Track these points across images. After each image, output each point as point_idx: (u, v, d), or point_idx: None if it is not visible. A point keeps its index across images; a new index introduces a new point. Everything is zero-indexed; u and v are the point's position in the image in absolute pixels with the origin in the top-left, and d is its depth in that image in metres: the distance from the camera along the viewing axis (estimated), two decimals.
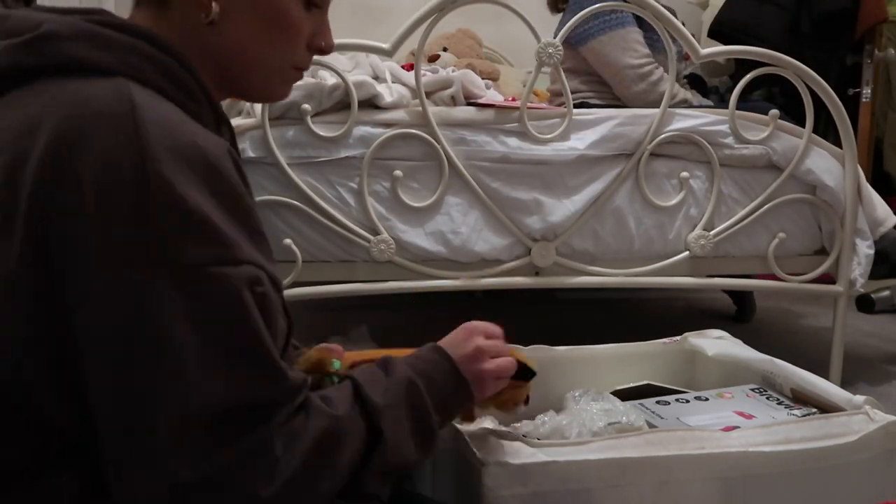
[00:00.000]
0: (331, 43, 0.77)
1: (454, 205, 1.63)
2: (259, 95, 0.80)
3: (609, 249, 1.72)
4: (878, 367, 2.11)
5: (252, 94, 0.79)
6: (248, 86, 0.76)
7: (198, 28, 0.69)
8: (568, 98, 1.66)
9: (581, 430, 0.96)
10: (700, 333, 1.32)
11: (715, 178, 1.71)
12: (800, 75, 1.70)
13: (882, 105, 3.03)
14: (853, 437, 0.90)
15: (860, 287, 1.79)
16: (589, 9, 1.66)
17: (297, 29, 0.73)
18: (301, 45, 0.74)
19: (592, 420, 0.98)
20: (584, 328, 2.45)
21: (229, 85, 0.74)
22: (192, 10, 0.68)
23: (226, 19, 0.69)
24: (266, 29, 0.71)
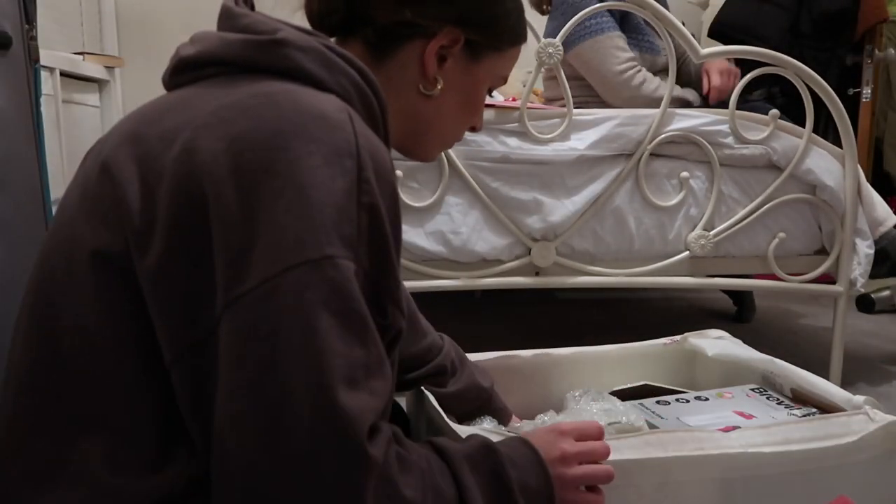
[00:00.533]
0: (482, 125, 0.89)
1: (454, 205, 1.63)
2: (420, 156, 0.86)
3: (609, 249, 1.72)
4: (878, 367, 2.11)
5: (416, 154, 0.85)
6: (418, 148, 0.84)
7: (407, 91, 0.77)
8: (568, 98, 1.66)
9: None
10: (700, 333, 1.32)
11: (715, 178, 1.71)
12: (800, 75, 1.70)
13: (882, 105, 3.03)
14: (853, 438, 0.90)
15: (860, 287, 1.79)
16: (581, 13, 1.66)
17: (479, 110, 0.84)
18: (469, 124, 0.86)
19: (592, 420, 0.98)
20: (584, 328, 2.45)
21: (402, 141, 0.82)
22: (414, 77, 0.77)
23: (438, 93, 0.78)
24: (462, 107, 0.82)
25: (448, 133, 0.84)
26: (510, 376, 1.20)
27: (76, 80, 2.37)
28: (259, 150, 0.59)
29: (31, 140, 1.13)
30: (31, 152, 1.13)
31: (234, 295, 0.56)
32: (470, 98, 0.82)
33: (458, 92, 0.80)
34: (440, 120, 0.81)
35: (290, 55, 0.66)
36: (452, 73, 0.78)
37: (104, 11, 3.10)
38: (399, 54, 0.77)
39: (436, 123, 0.81)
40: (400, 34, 0.76)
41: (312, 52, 0.67)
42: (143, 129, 0.65)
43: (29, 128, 1.13)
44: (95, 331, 0.61)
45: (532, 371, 1.22)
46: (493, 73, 0.82)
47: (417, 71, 0.77)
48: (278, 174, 0.58)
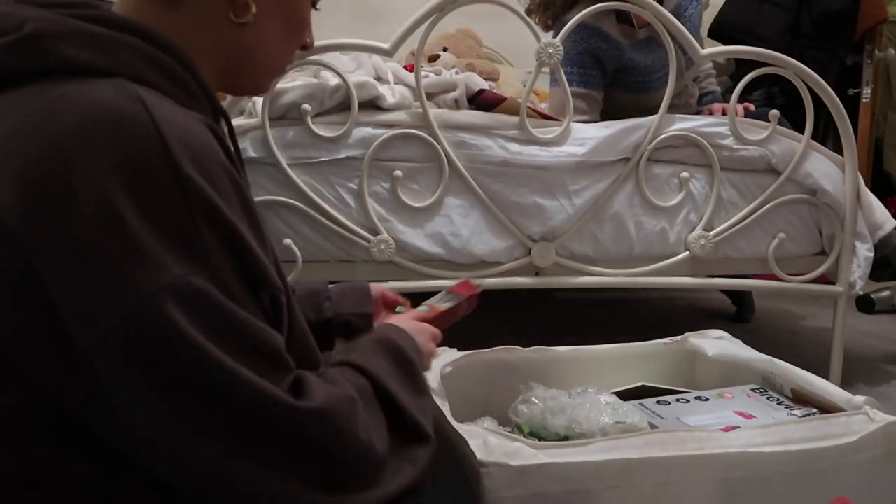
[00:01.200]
0: (314, 40, 0.79)
1: (454, 206, 1.63)
2: (252, 90, 0.80)
3: (608, 254, 1.72)
4: (878, 367, 2.11)
5: (246, 88, 0.79)
6: (247, 80, 0.75)
7: (218, 23, 0.67)
8: (569, 102, 1.66)
9: (590, 415, 0.96)
10: (700, 334, 1.32)
11: (715, 181, 1.71)
12: (800, 75, 1.70)
13: (882, 105, 3.03)
14: (853, 438, 0.90)
15: (859, 290, 1.80)
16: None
17: (306, 27, 0.75)
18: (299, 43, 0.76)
19: (599, 410, 0.97)
20: (584, 328, 2.45)
21: (227, 78, 0.72)
22: (221, 7, 0.67)
23: (254, 20, 0.69)
24: (287, 31, 0.73)
25: (276, 58, 0.75)
26: (509, 372, 1.20)
27: None
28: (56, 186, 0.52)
29: None
30: None
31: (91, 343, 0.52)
32: (293, 14, 0.73)
33: (277, 12, 0.71)
34: (264, 46, 0.71)
35: (49, 49, 0.57)
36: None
37: None
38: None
39: (259, 51, 0.72)
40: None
41: (76, 36, 0.58)
42: None
43: None
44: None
45: (531, 368, 1.23)
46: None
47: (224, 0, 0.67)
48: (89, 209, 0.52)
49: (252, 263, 0.58)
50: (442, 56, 2.50)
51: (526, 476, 0.81)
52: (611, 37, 1.85)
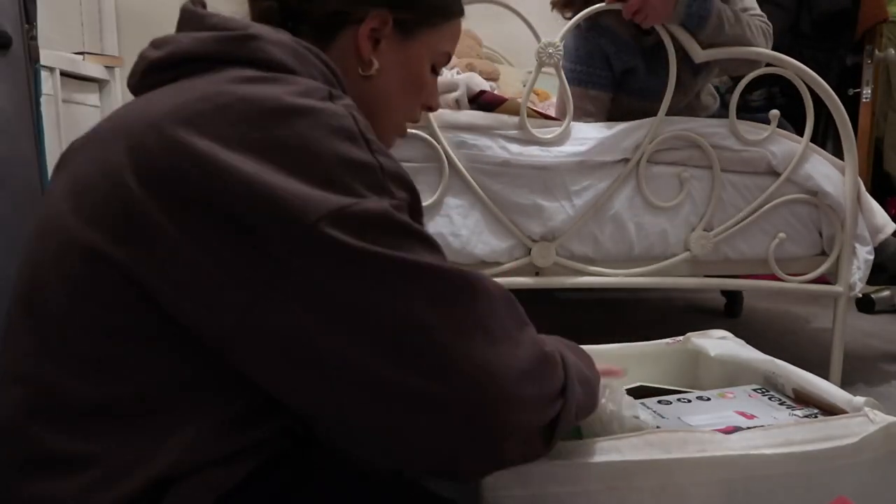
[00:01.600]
0: (438, 104, 0.92)
1: (454, 207, 1.63)
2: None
3: (608, 255, 1.72)
4: (878, 368, 2.11)
5: None
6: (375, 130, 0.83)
7: (353, 77, 0.79)
8: (569, 104, 1.66)
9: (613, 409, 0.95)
10: (703, 334, 1.32)
11: (715, 181, 1.71)
12: (800, 75, 1.70)
13: (882, 105, 3.03)
14: (854, 439, 0.90)
15: (858, 292, 1.80)
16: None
17: (424, 89, 0.86)
18: (420, 103, 0.88)
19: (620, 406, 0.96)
20: (584, 328, 2.46)
21: None
22: (354, 63, 0.79)
23: (378, 75, 0.80)
24: (405, 86, 0.84)
25: (398, 114, 0.86)
26: None
27: (76, 80, 2.37)
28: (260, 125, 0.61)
29: (31, 140, 1.13)
30: (31, 152, 1.13)
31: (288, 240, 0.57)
32: (411, 76, 0.84)
33: (398, 71, 0.82)
34: (386, 101, 0.83)
35: (264, 48, 0.69)
36: (388, 53, 0.81)
37: (104, 11, 3.10)
38: (337, 43, 0.79)
39: (382, 105, 0.83)
40: (333, 24, 0.79)
41: (284, 46, 0.70)
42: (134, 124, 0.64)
43: (29, 128, 1.13)
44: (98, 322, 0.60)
45: None
46: (431, 49, 0.85)
47: (355, 56, 0.79)
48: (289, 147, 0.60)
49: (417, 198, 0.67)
50: None
51: (526, 476, 0.81)
52: (620, 38, 1.82)
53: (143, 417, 0.60)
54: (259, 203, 0.57)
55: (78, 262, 0.61)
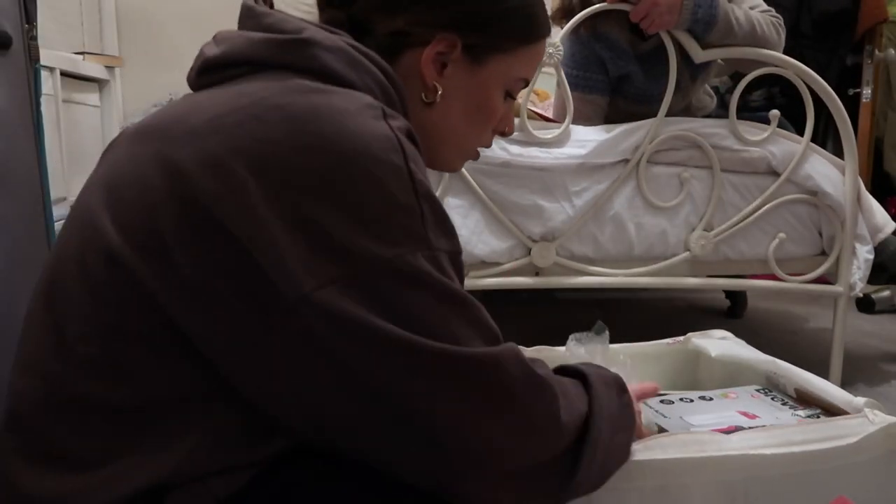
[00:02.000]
0: (513, 129, 0.87)
1: (454, 207, 1.63)
2: (440, 167, 0.84)
3: (608, 256, 1.72)
4: (878, 368, 2.11)
5: (435, 164, 0.83)
6: (435, 157, 0.80)
7: (415, 101, 0.75)
8: (569, 104, 1.66)
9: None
10: (704, 334, 1.32)
11: (715, 182, 1.71)
12: (800, 75, 1.70)
13: (882, 105, 3.03)
14: (854, 439, 0.90)
15: (859, 291, 1.80)
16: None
17: (495, 116, 0.80)
18: (491, 129, 0.82)
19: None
20: (584, 328, 2.45)
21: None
22: (417, 87, 0.75)
23: (442, 101, 0.76)
24: (471, 114, 0.79)
25: (463, 141, 0.81)
26: None
27: (76, 80, 2.37)
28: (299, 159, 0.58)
29: (32, 140, 1.13)
30: (32, 152, 1.13)
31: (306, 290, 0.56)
32: (479, 103, 0.78)
33: (464, 98, 0.77)
34: (449, 129, 0.78)
35: (316, 55, 0.66)
36: (455, 79, 0.76)
37: (104, 11, 3.10)
38: (401, 63, 0.74)
39: (445, 132, 0.79)
40: (397, 43, 0.74)
41: (338, 52, 0.67)
42: (174, 127, 0.63)
43: (29, 128, 1.13)
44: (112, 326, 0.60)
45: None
46: (504, 75, 0.78)
47: (419, 80, 0.75)
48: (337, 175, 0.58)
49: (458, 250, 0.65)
50: None
51: None
52: (617, 44, 1.82)
53: (150, 423, 0.60)
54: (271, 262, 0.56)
55: (98, 262, 0.61)
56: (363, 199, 0.58)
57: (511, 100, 0.82)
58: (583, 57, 1.79)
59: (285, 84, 0.63)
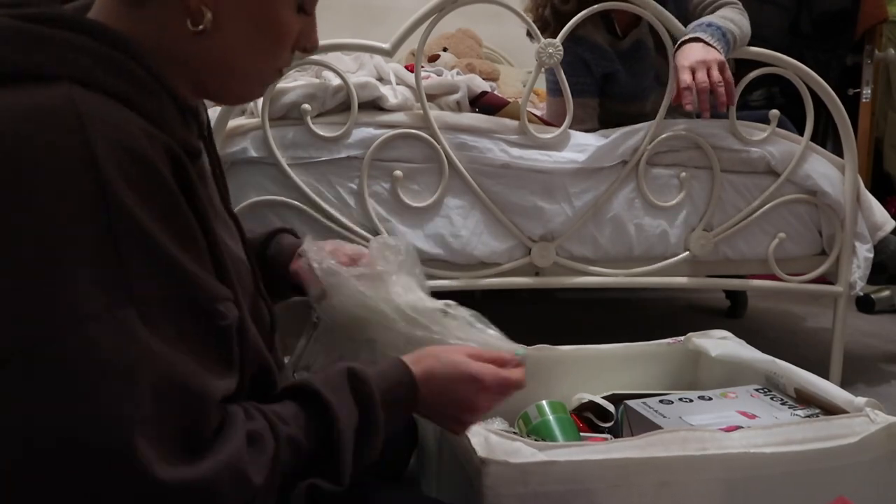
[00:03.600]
0: (316, 43, 0.74)
1: (454, 207, 1.63)
2: (236, 99, 0.76)
3: (608, 257, 1.72)
4: (878, 368, 2.11)
5: (229, 98, 0.76)
6: (226, 91, 0.71)
7: (180, 34, 0.63)
8: (569, 105, 1.66)
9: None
10: (704, 334, 1.32)
11: (715, 182, 1.71)
12: (800, 75, 1.70)
13: (882, 105, 3.03)
14: (854, 439, 0.90)
15: (859, 290, 1.80)
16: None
17: (287, 34, 0.69)
18: (288, 48, 0.71)
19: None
20: (584, 328, 2.45)
21: (207, 89, 0.69)
22: (175, 17, 0.62)
23: (216, 29, 0.63)
24: (257, 37, 0.67)
25: (253, 69, 0.69)
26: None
27: None
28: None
29: None
30: None
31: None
32: (263, 22, 0.66)
33: (244, 18, 0.65)
34: (232, 56, 0.66)
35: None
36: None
37: None
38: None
39: (229, 62, 0.66)
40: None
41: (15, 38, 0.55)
42: None
43: None
44: None
45: (535, 367, 1.22)
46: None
47: (180, 7, 0.62)
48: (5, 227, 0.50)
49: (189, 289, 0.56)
50: (442, 56, 2.50)
51: (526, 475, 0.81)
52: (597, 45, 1.83)
53: None
54: None
55: None
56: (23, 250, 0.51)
57: (306, 14, 0.70)
58: (567, 62, 1.79)
59: None
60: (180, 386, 0.54)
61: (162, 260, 0.54)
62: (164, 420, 0.53)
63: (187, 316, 0.56)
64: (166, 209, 0.55)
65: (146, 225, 0.53)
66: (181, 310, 0.55)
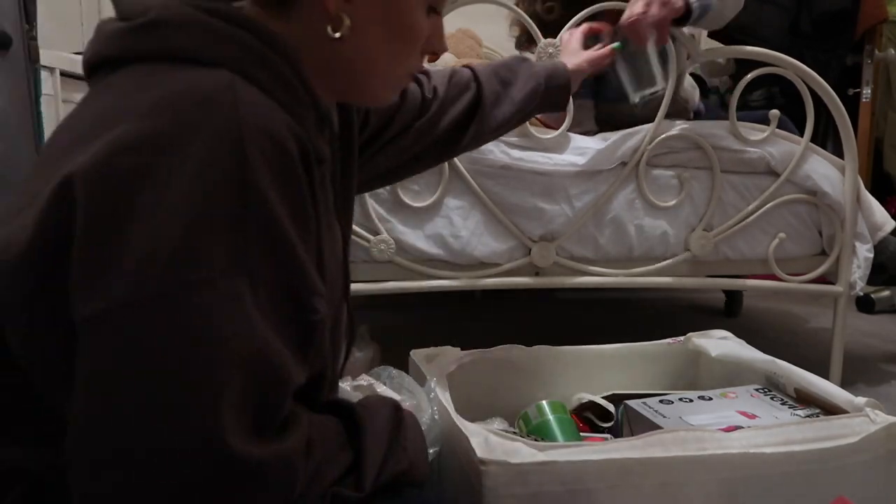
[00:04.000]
0: (444, 46, 0.79)
1: (455, 208, 1.63)
2: (371, 101, 0.80)
3: (608, 257, 1.72)
4: (878, 367, 2.11)
5: (364, 100, 0.79)
6: (363, 93, 0.75)
7: (321, 39, 0.67)
8: (569, 108, 1.66)
9: None
10: (704, 334, 1.32)
11: (715, 182, 1.71)
12: (800, 75, 1.70)
13: (882, 105, 3.03)
14: (854, 439, 0.90)
15: (859, 290, 1.80)
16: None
17: (419, 37, 0.73)
18: (418, 52, 0.75)
19: None
20: (584, 328, 2.45)
21: (342, 91, 0.73)
22: (318, 21, 0.67)
23: (354, 33, 0.68)
24: (393, 41, 0.71)
25: (387, 71, 0.73)
26: (513, 370, 1.20)
27: (76, 80, 2.36)
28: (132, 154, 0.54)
29: (31, 140, 1.14)
30: (31, 152, 1.13)
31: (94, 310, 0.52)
32: (397, 26, 0.70)
33: (380, 23, 0.69)
34: (368, 60, 0.71)
35: (166, 36, 0.60)
36: (363, 4, 0.68)
37: (104, 11, 3.10)
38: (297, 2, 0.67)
39: (365, 65, 0.71)
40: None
41: (193, 27, 0.61)
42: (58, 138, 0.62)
43: (29, 128, 1.13)
44: None
45: (535, 367, 1.23)
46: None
47: (321, 14, 0.67)
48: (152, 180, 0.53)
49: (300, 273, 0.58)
50: (442, 56, 2.50)
51: (526, 475, 0.81)
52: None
53: None
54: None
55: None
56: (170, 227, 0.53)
57: (436, 14, 0.75)
58: None
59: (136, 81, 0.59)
60: (271, 366, 0.56)
61: (283, 245, 0.57)
62: (247, 394, 0.54)
63: (290, 303, 0.58)
64: (294, 199, 0.58)
65: (276, 208, 0.56)
66: (287, 296, 0.57)
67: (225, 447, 0.52)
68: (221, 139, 0.54)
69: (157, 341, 0.52)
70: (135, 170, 0.54)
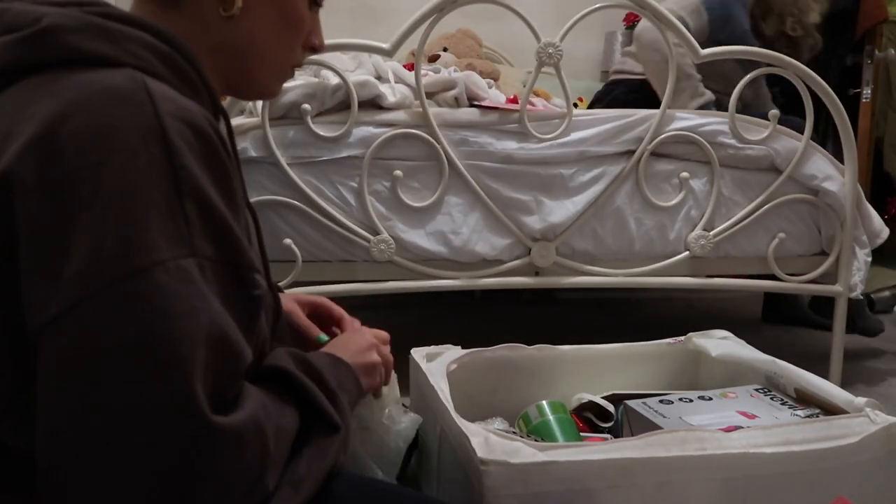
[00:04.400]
0: (323, 42, 0.80)
1: (455, 205, 1.63)
2: (258, 93, 0.81)
3: (609, 250, 1.72)
4: (878, 368, 2.11)
5: (252, 90, 0.80)
6: (251, 82, 0.77)
7: (212, 22, 0.70)
8: (568, 97, 1.66)
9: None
10: (704, 334, 1.32)
11: (715, 179, 1.72)
12: (800, 75, 1.70)
13: (882, 105, 3.03)
14: (854, 439, 0.90)
15: (859, 293, 1.80)
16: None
17: (304, 27, 0.76)
18: (301, 44, 0.77)
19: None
20: (584, 328, 2.45)
21: (232, 80, 0.75)
22: (208, 8, 0.69)
23: (244, 14, 0.70)
24: (280, 26, 0.74)
25: (276, 58, 0.76)
26: (513, 370, 1.20)
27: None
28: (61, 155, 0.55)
29: None
30: None
31: (51, 315, 0.53)
32: (285, 12, 0.73)
33: (268, 7, 0.72)
34: (260, 42, 0.73)
35: (64, 42, 0.60)
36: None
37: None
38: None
39: (255, 47, 0.73)
40: None
41: (89, 30, 0.60)
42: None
43: None
44: None
45: (535, 366, 1.23)
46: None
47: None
48: (83, 181, 0.54)
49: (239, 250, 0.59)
50: (442, 56, 2.50)
51: (526, 475, 0.81)
52: None
53: None
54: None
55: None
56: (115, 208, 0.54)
57: (316, 8, 0.77)
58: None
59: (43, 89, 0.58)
60: (228, 339, 0.57)
61: (218, 222, 0.58)
62: (211, 368, 0.55)
63: (232, 279, 0.59)
64: (221, 178, 0.60)
65: (207, 189, 0.58)
66: (229, 272, 0.59)
67: (205, 421, 0.53)
68: (143, 132, 0.56)
69: (120, 331, 0.53)
70: (66, 173, 0.54)
